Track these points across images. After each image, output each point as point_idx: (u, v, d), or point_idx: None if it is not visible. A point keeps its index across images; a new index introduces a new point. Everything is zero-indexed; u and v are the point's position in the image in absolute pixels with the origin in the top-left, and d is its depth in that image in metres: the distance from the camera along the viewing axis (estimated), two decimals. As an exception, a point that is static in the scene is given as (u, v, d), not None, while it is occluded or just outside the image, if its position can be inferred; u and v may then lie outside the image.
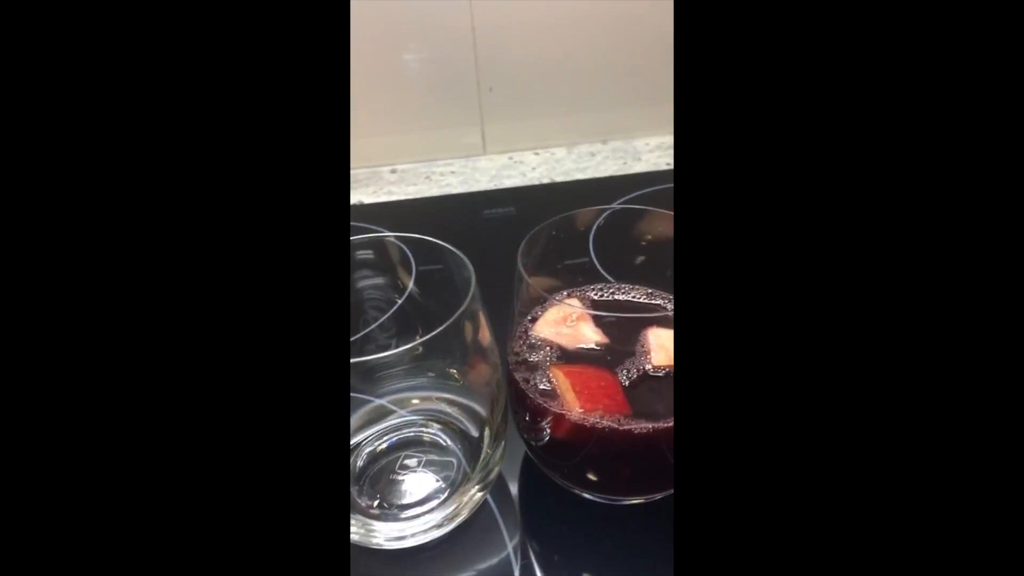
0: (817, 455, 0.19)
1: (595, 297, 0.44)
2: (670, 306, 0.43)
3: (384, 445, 0.41)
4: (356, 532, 0.36)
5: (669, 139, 0.85)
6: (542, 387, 0.37)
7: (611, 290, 0.45)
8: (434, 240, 0.38)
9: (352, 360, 0.30)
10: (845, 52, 0.20)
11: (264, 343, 0.20)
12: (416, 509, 0.37)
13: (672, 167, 0.79)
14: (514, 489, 0.42)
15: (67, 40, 0.19)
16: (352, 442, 0.40)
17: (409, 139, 0.82)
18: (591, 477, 0.39)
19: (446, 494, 0.38)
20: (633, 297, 0.45)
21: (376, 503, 0.38)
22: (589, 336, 0.39)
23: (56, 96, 0.19)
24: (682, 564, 0.20)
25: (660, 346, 0.37)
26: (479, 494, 0.38)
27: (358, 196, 0.77)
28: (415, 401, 0.42)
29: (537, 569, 0.38)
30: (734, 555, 0.20)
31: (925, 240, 0.19)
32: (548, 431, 0.37)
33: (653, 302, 0.44)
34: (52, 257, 0.19)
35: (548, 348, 0.39)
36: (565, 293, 0.44)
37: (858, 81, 0.20)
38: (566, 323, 0.40)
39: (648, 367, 0.37)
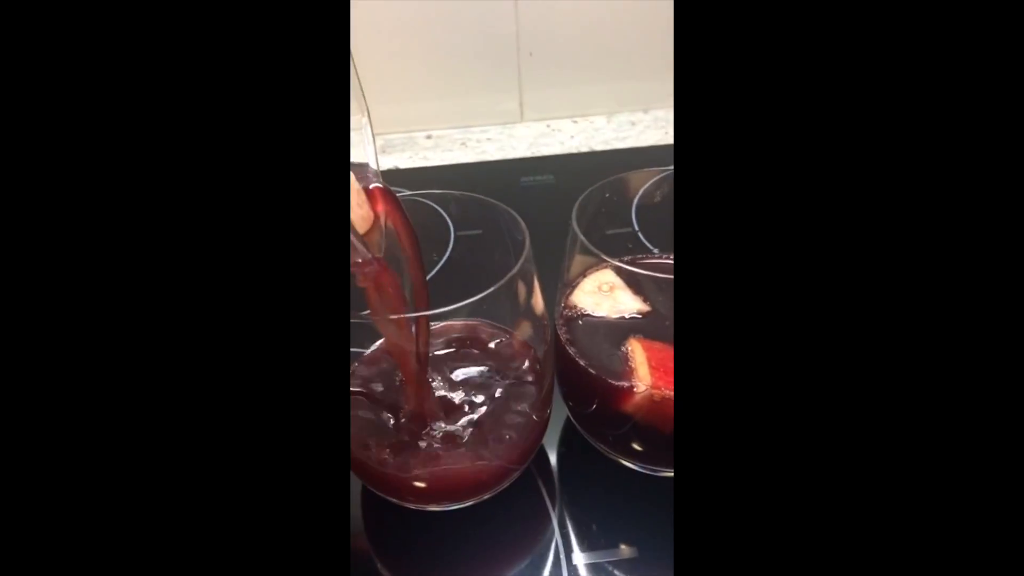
0: (819, 446, 0.19)
1: (642, 264, 0.43)
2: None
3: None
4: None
5: (711, 111, 0.83)
6: (593, 354, 0.36)
7: (664, 258, 0.44)
8: (485, 198, 0.37)
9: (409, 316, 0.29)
10: (845, 47, 0.19)
11: (261, 339, 0.20)
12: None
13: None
14: (553, 458, 0.42)
15: (66, 34, 0.18)
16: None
17: (445, 104, 0.81)
18: (636, 447, 0.38)
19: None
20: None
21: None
22: (629, 304, 0.38)
23: (54, 92, 0.18)
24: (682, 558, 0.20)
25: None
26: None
27: (393, 161, 0.76)
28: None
29: (574, 539, 0.37)
30: (733, 543, 0.19)
31: (928, 232, 0.19)
32: (596, 400, 0.36)
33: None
34: (52, 255, 0.19)
35: (596, 315, 0.38)
36: (616, 259, 0.43)
37: (858, 78, 0.19)
38: (601, 290, 0.39)
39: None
